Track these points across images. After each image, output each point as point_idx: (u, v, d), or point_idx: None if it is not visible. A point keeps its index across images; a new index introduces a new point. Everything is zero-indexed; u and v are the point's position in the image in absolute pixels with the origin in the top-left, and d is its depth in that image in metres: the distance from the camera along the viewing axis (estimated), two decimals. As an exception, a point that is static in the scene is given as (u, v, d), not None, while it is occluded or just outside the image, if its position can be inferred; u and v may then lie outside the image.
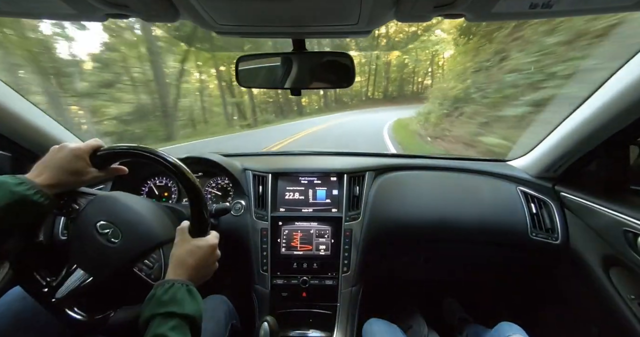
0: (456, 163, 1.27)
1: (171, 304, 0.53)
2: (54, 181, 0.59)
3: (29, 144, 0.99)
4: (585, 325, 1.03)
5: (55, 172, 0.60)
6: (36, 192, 0.56)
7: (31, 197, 0.55)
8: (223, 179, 1.23)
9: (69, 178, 0.61)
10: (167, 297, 0.53)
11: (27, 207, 0.55)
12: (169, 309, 0.52)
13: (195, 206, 0.66)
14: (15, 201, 0.53)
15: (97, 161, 0.65)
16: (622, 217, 0.85)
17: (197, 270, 0.62)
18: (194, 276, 0.60)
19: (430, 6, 0.46)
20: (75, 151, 0.62)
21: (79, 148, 0.63)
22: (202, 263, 0.63)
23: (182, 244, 0.64)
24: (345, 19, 0.55)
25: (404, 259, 1.25)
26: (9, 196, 0.53)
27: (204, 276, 0.64)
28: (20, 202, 0.54)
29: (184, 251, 0.63)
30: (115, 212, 0.68)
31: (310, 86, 0.83)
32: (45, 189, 0.57)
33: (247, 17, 0.56)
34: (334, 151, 1.43)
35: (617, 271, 0.90)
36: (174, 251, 0.64)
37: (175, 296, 0.54)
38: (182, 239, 0.65)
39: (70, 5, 0.46)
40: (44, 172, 0.59)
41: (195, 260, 0.62)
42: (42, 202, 0.56)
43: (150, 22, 0.67)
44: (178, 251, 0.63)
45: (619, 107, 0.79)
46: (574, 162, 1.02)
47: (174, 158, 0.66)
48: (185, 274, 0.60)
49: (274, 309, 1.07)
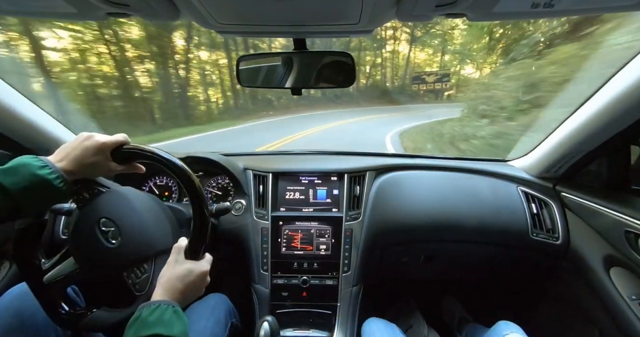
0: (457, 163, 1.27)
1: (158, 325, 0.52)
2: (74, 168, 0.59)
3: (29, 143, 0.99)
4: (586, 325, 1.03)
5: (76, 161, 0.60)
6: (58, 177, 0.56)
7: (52, 182, 0.55)
8: (223, 179, 1.23)
9: (87, 169, 0.61)
10: (153, 318, 0.52)
11: (47, 191, 0.55)
12: (155, 331, 0.51)
13: (196, 207, 0.66)
14: (36, 184, 0.53)
15: (117, 156, 0.65)
16: (623, 218, 0.84)
17: (185, 295, 0.61)
18: (181, 300, 0.59)
19: (431, 5, 0.46)
20: (100, 145, 0.62)
21: (105, 143, 0.63)
22: (191, 288, 0.62)
23: (174, 265, 0.63)
24: (346, 18, 0.55)
25: (404, 258, 1.25)
26: (31, 178, 0.53)
27: (189, 299, 0.63)
28: (41, 186, 0.54)
29: (175, 274, 0.61)
30: (121, 212, 0.68)
31: (311, 86, 0.83)
32: (65, 175, 0.57)
33: (248, 16, 0.56)
34: (335, 151, 1.43)
35: (618, 271, 0.90)
36: (165, 271, 0.62)
37: (162, 317, 0.53)
38: (175, 260, 0.64)
39: (71, 4, 0.46)
40: (65, 158, 0.59)
41: (185, 285, 0.61)
42: (61, 187, 0.56)
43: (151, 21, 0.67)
44: (169, 272, 0.62)
45: (620, 107, 0.79)
46: (575, 162, 1.02)
47: (178, 159, 0.66)
48: (173, 297, 0.59)
49: (274, 308, 1.07)
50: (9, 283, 0.90)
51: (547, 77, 4.11)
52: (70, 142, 0.63)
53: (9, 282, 0.96)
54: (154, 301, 0.56)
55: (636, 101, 0.75)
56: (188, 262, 0.64)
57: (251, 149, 4.22)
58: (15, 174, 0.53)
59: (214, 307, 0.91)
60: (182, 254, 0.65)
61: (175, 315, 0.54)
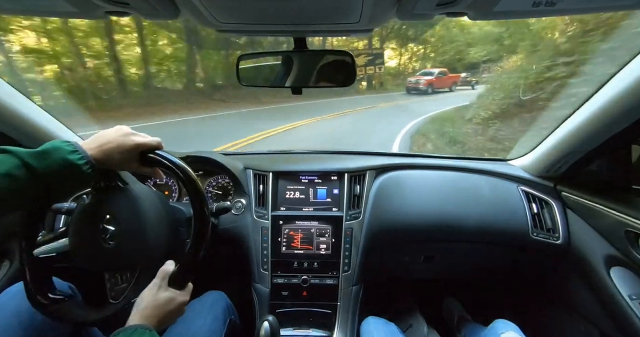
0: (457, 162, 1.27)
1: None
2: (103, 159, 0.59)
3: (29, 141, 0.99)
4: (586, 325, 1.03)
5: (108, 154, 0.60)
6: (86, 162, 0.56)
7: (81, 167, 0.55)
8: (223, 178, 1.23)
9: (114, 163, 0.62)
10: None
11: (75, 176, 0.55)
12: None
13: (197, 206, 0.66)
14: (65, 168, 0.53)
15: (145, 159, 0.65)
16: (624, 218, 0.84)
17: (161, 323, 0.61)
18: (156, 327, 0.59)
19: (432, 4, 0.46)
20: (136, 146, 0.63)
21: (140, 144, 0.63)
22: (168, 317, 0.62)
23: (157, 292, 0.62)
24: (346, 17, 0.54)
25: (404, 258, 1.25)
26: (61, 162, 0.53)
27: (164, 328, 0.63)
28: (69, 170, 0.54)
29: (156, 302, 0.61)
30: (128, 215, 0.67)
31: (311, 85, 0.83)
32: (94, 162, 0.58)
33: (249, 15, 0.55)
34: (335, 150, 1.42)
35: (619, 271, 0.90)
36: (146, 295, 0.62)
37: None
38: (159, 286, 0.63)
39: (71, 3, 0.46)
40: (98, 147, 0.59)
41: (164, 314, 0.60)
42: (89, 173, 0.56)
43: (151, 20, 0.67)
44: (149, 298, 0.61)
45: (621, 106, 0.78)
46: (576, 161, 1.02)
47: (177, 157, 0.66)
48: (150, 323, 0.59)
49: (275, 308, 1.07)
50: (8, 283, 0.90)
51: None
52: (109, 132, 0.63)
53: (9, 281, 0.97)
54: (131, 325, 0.56)
55: (637, 100, 0.75)
56: (170, 291, 0.63)
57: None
58: (48, 157, 0.53)
59: (212, 304, 0.91)
60: (166, 280, 0.64)
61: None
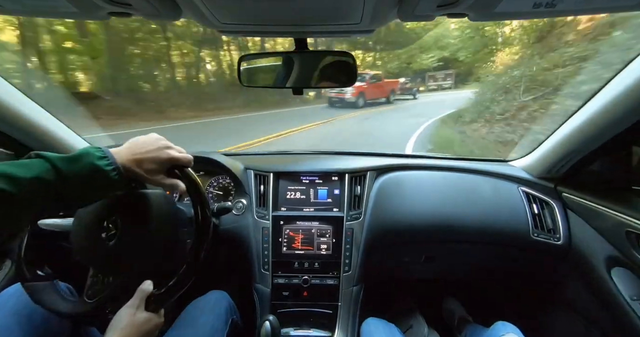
0: (457, 163, 1.27)
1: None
2: (134, 169, 0.59)
3: (32, 142, 0.99)
4: (587, 326, 1.03)
5: (141, 164, 0.60)
6: (114, 168, 0.56)
7: (108, 174, 0.55)
8: (224, 178, 1.23)
9: (143, 172, 0.61)
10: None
11: (100, 181, 0.55)
12: None
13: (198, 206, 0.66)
14: (93, 174, 0.54)
15: (171, 172, 0.65)
16: (624, 218, 0.84)
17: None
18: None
19: (433, 5, 0.46)
20: (170, 159, 0.63)
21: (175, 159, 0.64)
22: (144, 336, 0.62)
23: (135, 312, 0.62)
24: (347, 18, 0.55)
25: (405, 258, 1.25)
26: (90, 167, 0.53)
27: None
28: (97, 176, 0.54)
29: (134, 322, 0.60)
30: (132, 222, 0.68)
31: (312, 85, 0.83)
32: (123, 169, 0.57)
33: (250, 16, 0.56)
34: (336, 151, 1.43)
35: (620, 271, 0.90)
36: (124, 315, 0.61)
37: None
38: (137, 306, 0.62)
39: (73, 4, 0.46)
40: (132, 156, 0.59)
41: (140, 334, 0.60)
42: (116, 180, 0.56)
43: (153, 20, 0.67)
44: (128, 318, 0.60)
45: (622, 107, 0.79)
46: (576, 162, 1.02)
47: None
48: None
49: (275, 308, 1.07)
50: (9, 283, 0.90)
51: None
52: (144, 140, 0.63)
53: (10, 281, 0.97)
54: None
55: (637, 101, 0.75)
56: (145, 313, 0.63)
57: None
58: (77, 162, 0.53)
59: (214, 303, 0.92)
60: (144, 301, 0.63)
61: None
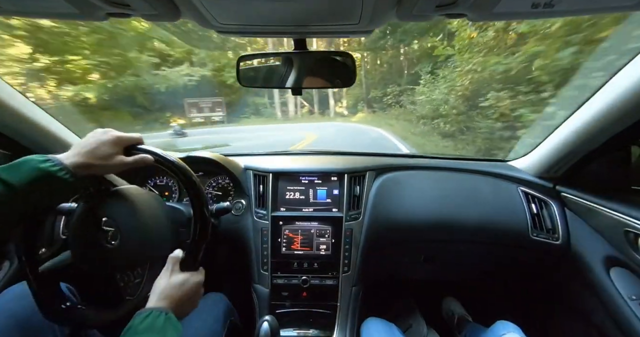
0: (457, 163, 1.27)
1: (148, 333, 0.52)
2: (87, 161, 0.59)
3: (29, 142, 0.99)
4: (586, 325, 1.03)
5: (90, 154, 0.60)
6: (61, 168, 0.56)
7: (56, 173, 0.55)
8: (224, 179, 1.23)
9: (101, 161, 0.61)
10: (143, 327, 0.52)
11: (53, 184, 0.55)
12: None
13: (197, 207, 0.66)
14: (40, 178, 0.53)
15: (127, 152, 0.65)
16: (623, 218, 0.85)
17: (181, 305, 0.61)
18: (176, 309, 0.59)
19: (431, 6, 0.46)
20: (116, 138, 0.63)
21: (121, 137, 0.64)
22: (187, 298, 0.62)
23: (170, 275, 0.63)
24: (346, 18, 0.55)
25: (404, 259, 1.25)
26: (34, 172, 0.53)
27: (185, 311, 0.63)
28: (45, 179, 0.54)
29: (170, 283, 0.61)
30: (124, 213, 0.68)
31: (311, 86, 0.83)
32: (73, 168, 0.57)
33: (249, 16, 0.56)
34: (335, 151, 1.43)
35: (618, 271, 0.90)
36: (160, 280, 0.62)
37: (153, 325, 0.53)
38: (171, 269, 0.64)
39: (72, 4, 0.46)
40: (77, 153, 0.59)
41: (181, 294, 0.61)
42: (67, 179, 0.56)
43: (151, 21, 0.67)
44: (164, 281, 0.62)
45: (620, 107, 0.79)
46: (575, 162, 1.02)
47: (177, 158, 0.67)
48: (168, 305, 0.58)
49: (274, 308, 1.07)
50: (8, 284, 0.89)
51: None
52: (89, 135, 0.63)
53: (8, 282, 0.96)
54: (146, 309, 0.56)
55: (636, 102, 0.75)
56: (183, 273, 0.64)
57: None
58: (18, 169, 0.53)
59: (212, 306, 0.91)
60: (178, 265, 0.65)
61: (167, 322, 0.54)
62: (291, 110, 18.50)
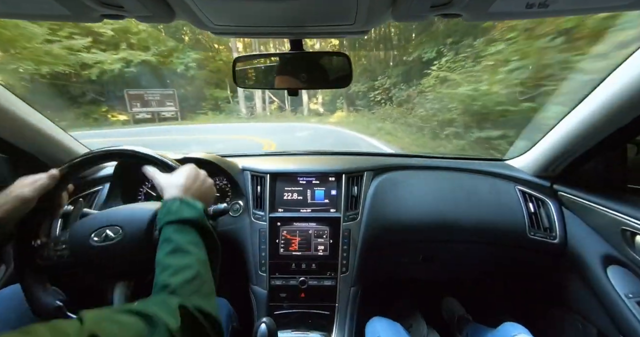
0: (454, 163, 1.27)
1: (167, 216, 0.56)
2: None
3: (26, 145, 0.98)
4: (584, 323, 1.04)
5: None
6: None
7: None
8: (221, 180, 1.23)
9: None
10: (162, 214, 0.57)
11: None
12: (165, 220, 0.56)
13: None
14: None
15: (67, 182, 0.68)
16: (620, 216, 0.85)
17: (193, 188, 0.63)
18: (192, 193, 0.62)
19: (426, 6, 0.46)
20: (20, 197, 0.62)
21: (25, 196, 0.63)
22: (193, 181, 0.65)
23: (162, 175, 0.66)
24: (341, 19, 0.55)
25: (402, 259, 1.25)
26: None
27: (204, 193, 0.66)
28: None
29: (168, 176, 0.65)
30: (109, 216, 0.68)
31: (307, 86, 0.83)
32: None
33: (244, 17, 0.56)
34: (332, 151, 1.43)
35: (615, 269, 0.90)
36: (158, 181, 0.65)
37: (170, 209, 0.57)
38: (158, 174, 0.67)
39: (65, 6, 0.46)
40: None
41: (186, 179, 0.64)
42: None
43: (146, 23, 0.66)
44: (163, 178, 0.65)
45: (616, 105, 0.79)
46: (572, 161, 1.02)
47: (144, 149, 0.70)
48: (181, 192, 0.61)
49: (272, 309, 1.06)
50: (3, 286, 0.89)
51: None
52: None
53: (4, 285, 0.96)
54: (162, 200, 0.60)
55: (632, 100, 0.75)
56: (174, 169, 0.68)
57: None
58: None
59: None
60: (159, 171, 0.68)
61: (183, 204, 0.58)
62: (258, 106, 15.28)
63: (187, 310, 0.44)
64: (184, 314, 0.43)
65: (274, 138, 8.05)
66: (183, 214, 0.56)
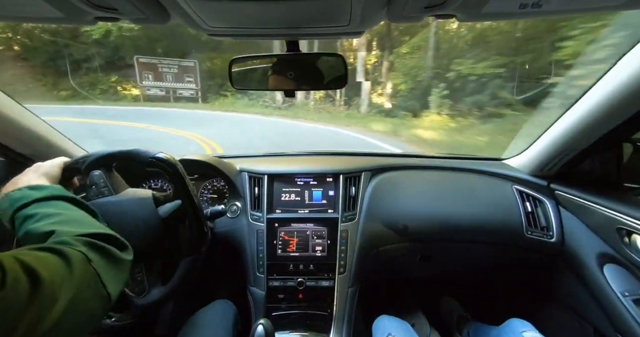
0: (452, 162, 1.28)
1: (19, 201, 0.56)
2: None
3: (22, 148, 0.97)
4: (581, 322, 1.04)
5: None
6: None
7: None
8: (218, 181, 1.23)
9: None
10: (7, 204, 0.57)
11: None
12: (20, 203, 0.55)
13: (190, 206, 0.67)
14: None
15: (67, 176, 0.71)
16: (616, 215, 0.85)
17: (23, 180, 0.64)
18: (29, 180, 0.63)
19: (421, 7, 0.46)
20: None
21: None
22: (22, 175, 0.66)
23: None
24: (336, 20, 0.55)
25: (400, 259, 1.25)
26: None
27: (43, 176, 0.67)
28: None
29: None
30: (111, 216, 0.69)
31: (304, 88, 0.83)
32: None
33: (239, 19, 0.55)
34: (330, 151, 1.43)
35: (612, 268, 0.91)
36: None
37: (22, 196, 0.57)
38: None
39: (59, 9, 0.46)
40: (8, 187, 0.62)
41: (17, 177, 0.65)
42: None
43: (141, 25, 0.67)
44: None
45: (612, 105, 0.80)
46: (569, 160, 1.03)
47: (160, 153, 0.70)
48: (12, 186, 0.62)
49: (270, 311, 1.06)
50: None
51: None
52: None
53: None
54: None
55: (627, 98, 0.76)
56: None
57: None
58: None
59: (222, 315, 0.92)
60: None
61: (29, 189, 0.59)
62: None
63: (81, 239, 0.46)
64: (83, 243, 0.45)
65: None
66: (35, 195, 0.57)
